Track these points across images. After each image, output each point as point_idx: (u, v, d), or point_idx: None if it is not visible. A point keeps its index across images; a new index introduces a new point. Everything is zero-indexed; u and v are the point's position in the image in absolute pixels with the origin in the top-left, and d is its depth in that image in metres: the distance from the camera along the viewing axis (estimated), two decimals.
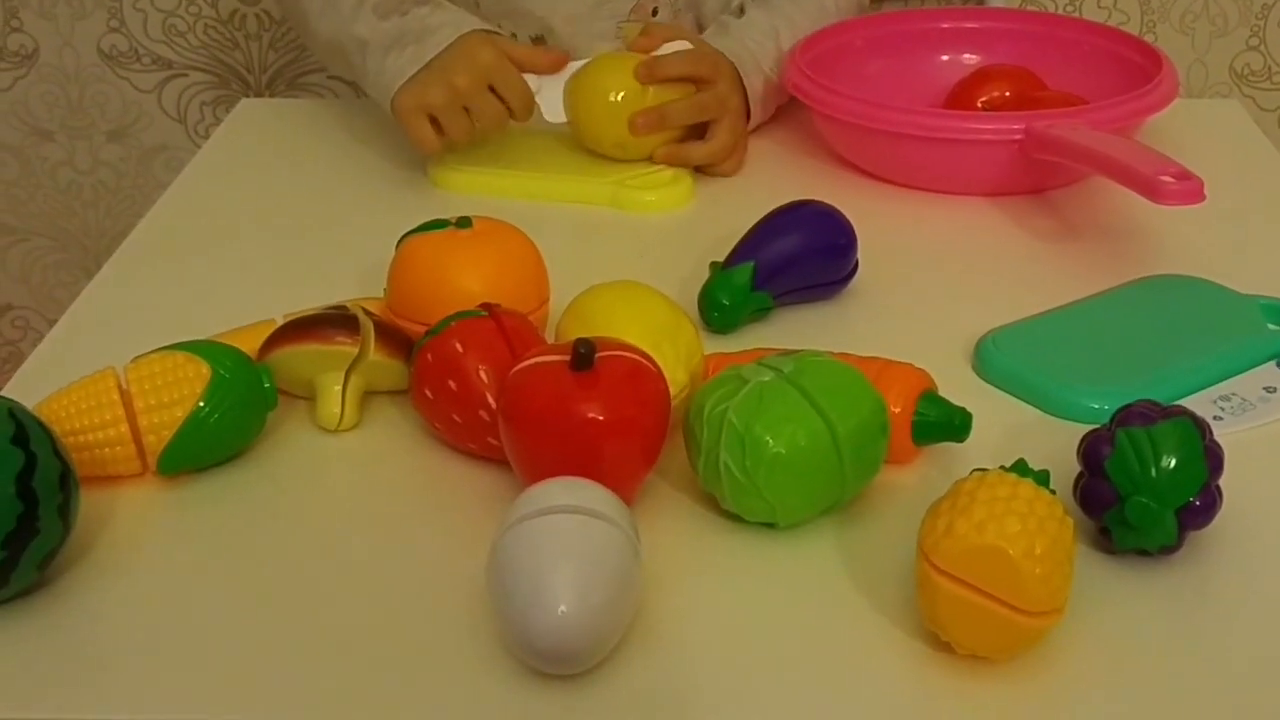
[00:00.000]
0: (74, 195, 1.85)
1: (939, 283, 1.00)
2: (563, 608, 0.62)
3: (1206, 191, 0.93)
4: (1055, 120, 1.05)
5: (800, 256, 0.94)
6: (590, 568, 0.64)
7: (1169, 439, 0.69)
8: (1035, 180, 1.10)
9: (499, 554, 0.65)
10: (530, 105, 1.12)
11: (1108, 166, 0.99)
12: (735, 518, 0.74)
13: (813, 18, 1.24)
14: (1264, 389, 0.84)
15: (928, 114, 1.13)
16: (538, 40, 1.27)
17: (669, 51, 1.15)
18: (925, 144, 1.09)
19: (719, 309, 0.91)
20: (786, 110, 1.24)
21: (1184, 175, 0.94)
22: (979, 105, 1.18)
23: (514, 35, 1.28)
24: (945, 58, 1.26)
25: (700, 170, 1.15)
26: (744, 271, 0.92)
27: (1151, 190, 0.94)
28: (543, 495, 0.66)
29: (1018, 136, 1.06)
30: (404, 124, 1.11)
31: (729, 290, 0.92)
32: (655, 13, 1.28)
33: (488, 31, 1.13)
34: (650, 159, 1.14)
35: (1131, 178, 0.96)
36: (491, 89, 1.10)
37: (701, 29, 1.29)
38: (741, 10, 1.27)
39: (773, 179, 1.15)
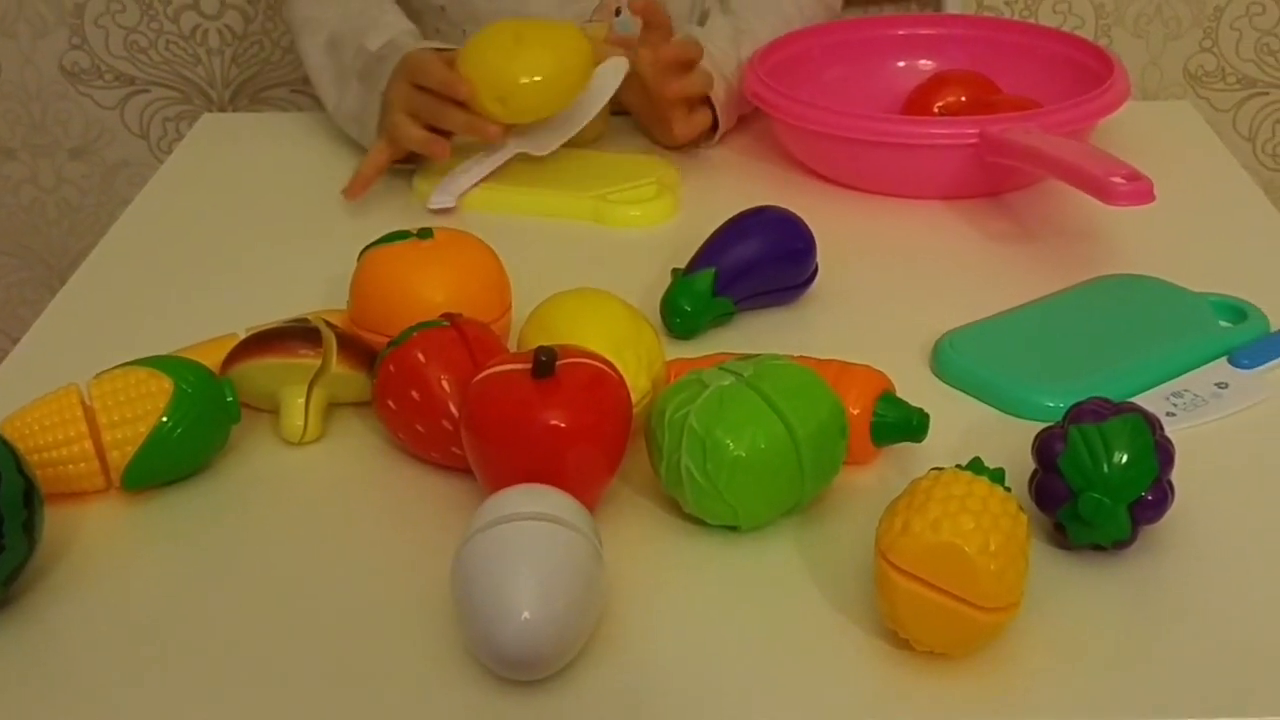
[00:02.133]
0: (37, 213, 1.85)
1: (897, 285, 1.01)
2: (526, 614, 0.63)
3: (1157, 192, 0.94)
4: (1009, 124, 1.07)
5: (760, 262, 0.95)
6: (553, 574, 0.64)
7: (1120, 435, 0.70)
8: (990, 183, 1.11)
9: (463, 562, 0.66)
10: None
11: (1060, 169, 1.01)
12: (698, 521, 0.75)
13: (774, 28, 1.26)
14: (1215, 385, 0.86)
15: (884, 120, 1.14)
16: None
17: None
18: (882, 149, 1.10)
19: (681, 315, 0.92)
20: (746, 117, 1.25)
21: (1134, 176, 0.95)
22: (935, 110, 1.19)
23: None
24: (902, 64, 1.27)
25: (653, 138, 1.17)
26: (705, 278, 0.93)
27: (1103, 192, 0.95)
28: (505, 503, 0.67)
29: (972, 141, 1.07)
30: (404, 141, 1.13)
31: (690, 296, 0.92)
32: (618, 12, 1.29)
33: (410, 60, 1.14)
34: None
35: (1083, 180, 0.97)
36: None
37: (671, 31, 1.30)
38: (704, 19, 1.28)
39: (733, 185, 1.16)
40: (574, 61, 1.11)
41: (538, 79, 1.10)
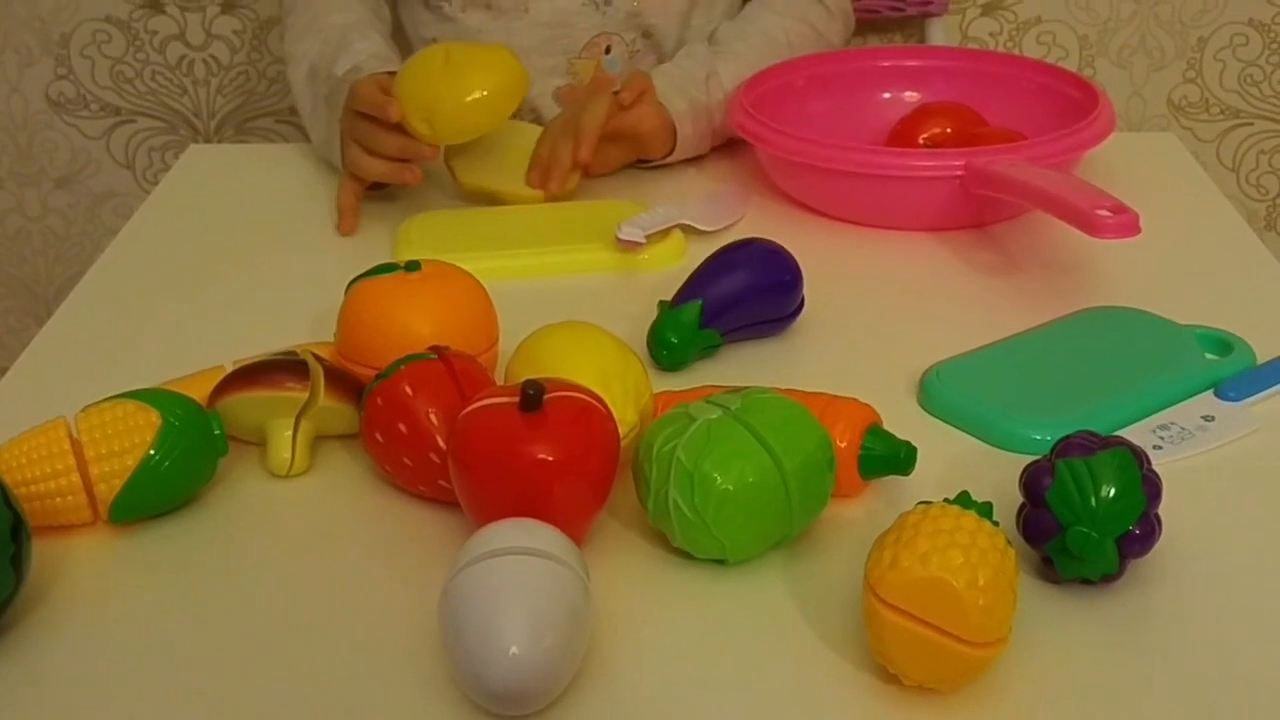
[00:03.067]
0: (23, 243, 1.85)
1: (883, 317, 1.01)
2: (514, 649, 0.63)
3: (1143, 224, 0.95)
4: (994, 156, 1.07)
5: (747, 294, 0.95)
6: (541, 609, 0.64)
7: (1107, 469, 0.70)
8: (976, 215, 1.12)
9: (450, 596, 0.65)
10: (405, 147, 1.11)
11: (1046, 201, 1.01)
12: (685, 555, 0.75)
13: (759, 50, 1.26)
14: (1202, 418, 0.86)
15: (870, 151, 1.14)
16: None
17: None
18: (868, 181, 1.10)
19: (668, 347, 0.92)
20: (733, 149, 1.25)
21: (1120, 209, 0.95)
22: (920, 142, 1.20)
23: None
24: (887, 95, 1.28)
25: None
26: (692, 310, 0.93)
27: (1088, 224, 0.96)
28: (493, 537, 0.67)
29: (958, 172, 1.08)
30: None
31: (677, 328, 0.93)
32: (608, 50, 1.29)
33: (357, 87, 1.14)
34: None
35: (1069, 212, 0.98)
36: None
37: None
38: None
39: None
40: (502, 84, 1.10)
41: (463, 101, 1.09)
